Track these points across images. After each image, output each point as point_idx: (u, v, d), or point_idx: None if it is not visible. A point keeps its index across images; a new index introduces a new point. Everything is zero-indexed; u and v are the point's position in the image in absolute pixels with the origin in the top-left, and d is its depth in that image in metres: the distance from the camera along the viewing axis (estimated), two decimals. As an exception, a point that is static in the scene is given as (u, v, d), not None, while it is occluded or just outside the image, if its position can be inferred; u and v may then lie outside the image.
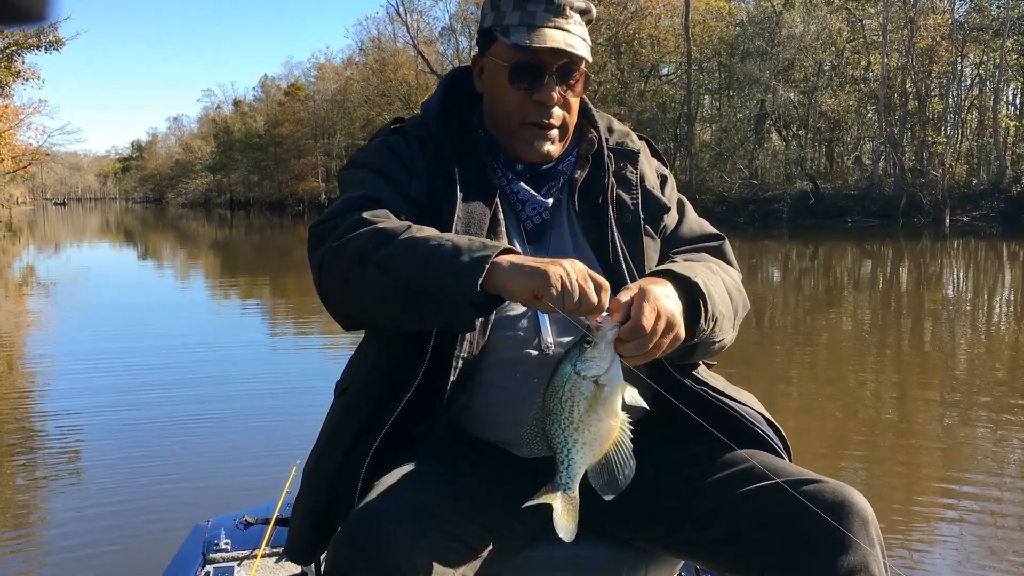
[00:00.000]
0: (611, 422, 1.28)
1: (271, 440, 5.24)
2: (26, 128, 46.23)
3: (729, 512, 1.44)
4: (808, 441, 5.23)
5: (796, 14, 34.20)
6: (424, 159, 1.60)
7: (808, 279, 16.04)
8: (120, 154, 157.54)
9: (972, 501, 4.20)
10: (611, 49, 38.23)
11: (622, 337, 1.27)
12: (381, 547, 1.28)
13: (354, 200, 1.51)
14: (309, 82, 69.37)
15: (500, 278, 1.30)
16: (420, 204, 1.55)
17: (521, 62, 1.57)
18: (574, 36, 1.57)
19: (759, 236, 25.59)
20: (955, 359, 8.01)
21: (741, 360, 7.87)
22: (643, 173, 1.70)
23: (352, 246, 1.41)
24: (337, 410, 1.62)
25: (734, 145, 36.40)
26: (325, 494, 1.52)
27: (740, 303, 1.60)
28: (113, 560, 3.67)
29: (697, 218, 1.76)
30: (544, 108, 1.58)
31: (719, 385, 1.62)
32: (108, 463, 5.02)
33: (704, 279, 1.43)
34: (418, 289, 1.35)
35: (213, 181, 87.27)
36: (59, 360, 8.62)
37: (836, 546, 1.35)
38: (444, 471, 1.48)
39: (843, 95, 34.95)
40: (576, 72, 1.60)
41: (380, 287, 1.39)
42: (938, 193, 30.35)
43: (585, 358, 1.26)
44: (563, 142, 1.64)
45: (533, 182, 1.64)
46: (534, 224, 1.63)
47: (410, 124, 1.67)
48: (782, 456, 1.58)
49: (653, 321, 1.28)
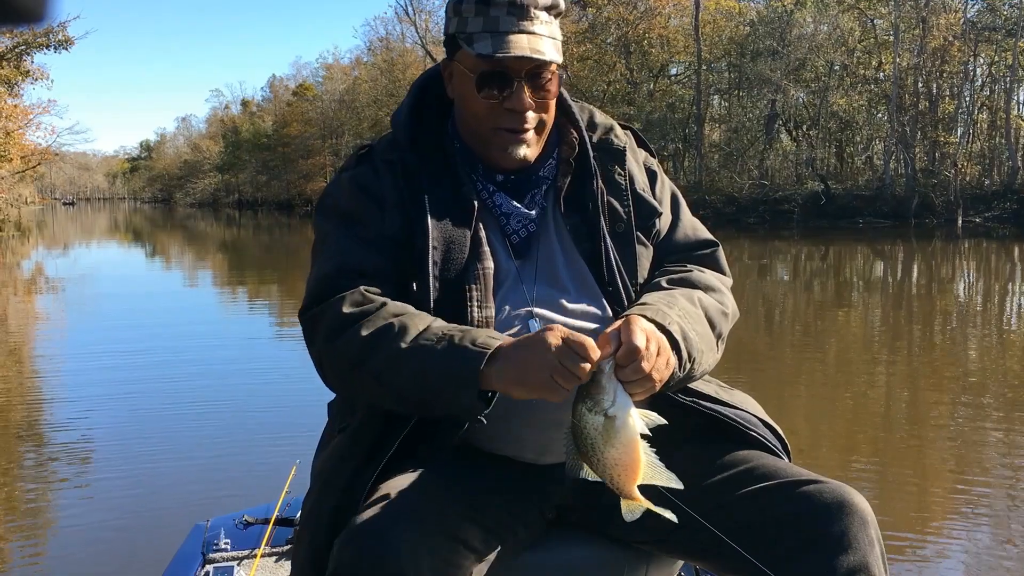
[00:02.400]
0: (633, 449, 1.29)
1: (271, 440, 5.21)
2: (35, 128, 46.33)
3: (728, 513, 1.43)
4: (819, 443, 5.18)
5: (807, 13, 34.01)
6: (395, 187, 1.55)
7: (819, 280, 15.93)
8: (129, 154, 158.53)
9: (984, 504, 4.14)
10: (621, 49, 38.14)
11: (619, 363, 1.28)
12: (385, 550, 1.27)
13: (330, 279, 1.51)
14: (317, 82, 69.54)
15: (495, 384, 1.34)
16: (396, 241, 1.52)
17: (487, 72, 1.51)
18: (541, 38, 1.50)
19: (769, 237, 25.38)
20: (967, 362, 7.92)
21: (751, 361, 7.84)
22: (631, 174, 1.65)
23: (343, 354, 1.43)
24: (341, 445, 1.55)
25: (744, 145, 36.26)
26: (327, 529, 1.42)
27: (725, 323, 1.59)
28: (113, 559, 3.65)
29: (691, 220, 1.72)
30: (517, 115, 1.52)
31: (710, 391, 1.59)
32: (108, 462, 5.01)
33: (680, 323, 1.43)
34: (418, 401, 1.40)
35: (221, 181, 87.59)
36: (64, 360, 8.63)
37: (836, 546, 1.34)
38: (447, 476, 1.46)
39: (854, 95, 34.75)
40: (547, 74, 1.53)
41: (379, 394, 1.44)
42: (950, 194, 30.14)
43: (591, 395, 1.28)
44: (540, 142, 1.59)
45: (515, 191, 1.59)
46: (520, 238, 1.59)
47: (379, 147, 1.61)
48: (781, 457, 1.56)
49: (645, 340, 1.29)
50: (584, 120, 1.65)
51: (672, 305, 1.46)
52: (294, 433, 5.10)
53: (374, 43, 58.51)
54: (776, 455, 1.55)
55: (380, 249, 1.52)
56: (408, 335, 1.39)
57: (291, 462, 2.76)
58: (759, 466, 1.47)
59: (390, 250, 1.52)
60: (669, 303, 1.47)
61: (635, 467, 1.29)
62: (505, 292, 1.54)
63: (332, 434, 1.62)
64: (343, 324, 1.44)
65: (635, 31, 37.47)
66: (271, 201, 71.13)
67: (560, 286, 1.57)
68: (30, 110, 43.48)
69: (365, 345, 1.41)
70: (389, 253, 1.52)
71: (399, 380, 1.39)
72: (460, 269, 1.51)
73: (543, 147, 1.61)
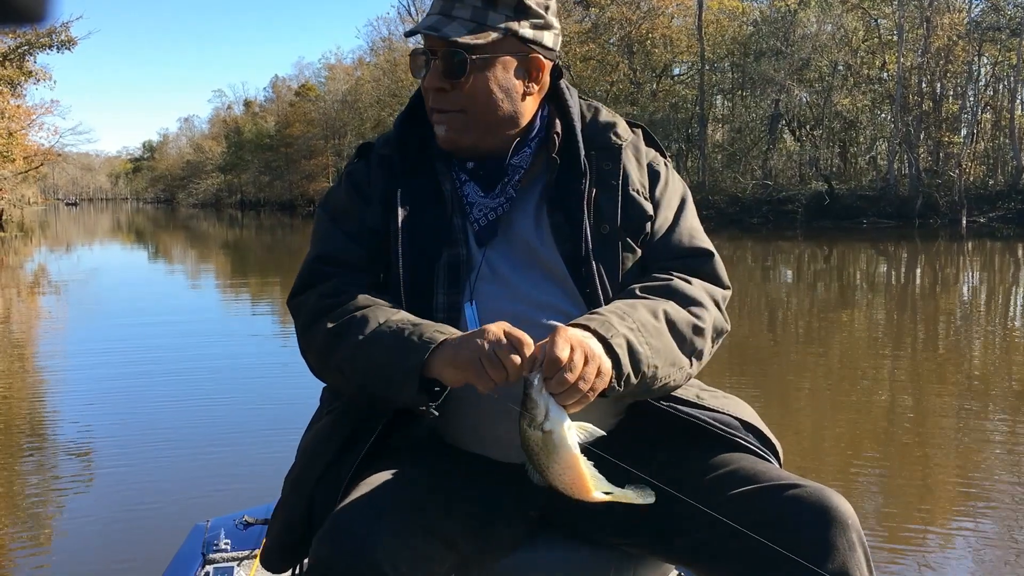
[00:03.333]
0: (574, 463, 1.29)
1: (271, 440, 5.18)
2: (38, 128, 46.49)
3: (708, 518, 1.39)
4: (821, 446, 5.14)
5: (811, 13, 33.94)
6: (382, 180, 1.63)
7: (823, 281, 15.86)
8: (131, 154, 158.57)
9: (988, 510, 4.09)
10: (624, 49, 38.12)
11: (545, 375, 1.28)
12: (363, 545, 1.27)
13: (310, 266, 1.61)
14: (320, 82, 69.61)
15: (437, 373, 1.38)
16: (376, 232, 1.59)
17: (413, 49, 1.61)
18: (455, 21, 1.52)
19: (773, 237, 25.35)
20: (971, 364, 7.87)
21: (755, 363, 7.82)
22: (627, 173, 1.62)
23: (314, 346, 1.54)
24: (325, 426, 1.62)
25: (747, 146, 36.20)
26: (306, 505, 1.52)
27: (700, 338, 1.53)
28: (113, 559, 3.63)
29: (690, 226, 1.66)
30: (434, 93, 1.57)
31: (690, 396, 1.57)
32: (108, 462, 4.99)
33: (628, 335, 1.39)
34: (373, 393, 1.46)
35: (224, 181, 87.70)
36: (65, 359, 8.63)
37: (816, 551, 1.31)
38: (427, 473, 1.48)
39: (858, 95, 34.67)
40: (461, 60, 1.52)
41: (345, 385, 1.53)
42: (954, 194, 30.06)
43: (527, 410, 1.29)
44: (478, 132, 1.57)
45: (484, 181, 1.61)
46: (481, 226, 1.60)
47: (377, 143, 1.69)
48: (770, 460, 1.53)
49: (568, 352, 1.28)
50: (587, 118, 1.65)
51: (626, 316, 1.43)
52: (294, 433, 4.99)
53: (377, 43, 58.59)
54: (764, 458, 1.52)
55: (361, 241, 1.60)
56: (366, 328, 1.45)
57: (291, 462, 2.72)
58: (739, 470, 1.45)
59: (370, 241, 1.59)
60: (623, 314, 1.44)
61: (581, 479, 1.30)
62: (471, 279, 1.57)
63: (320, 415, 1.69)
64: (315, 316, 1.54)
65: (638, 31, 37.45)
66: (274, 201, 71.16)
67: (521, 274, 1.57)
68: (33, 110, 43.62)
69: (330, 337, 1.49)
70: (368, 244, 1.59)
71: (357, 372, 1.46)
72: (428, 257, 1.57)
73: (514, 140, 1.60)
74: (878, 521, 3.93)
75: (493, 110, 1.56)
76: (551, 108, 1.65)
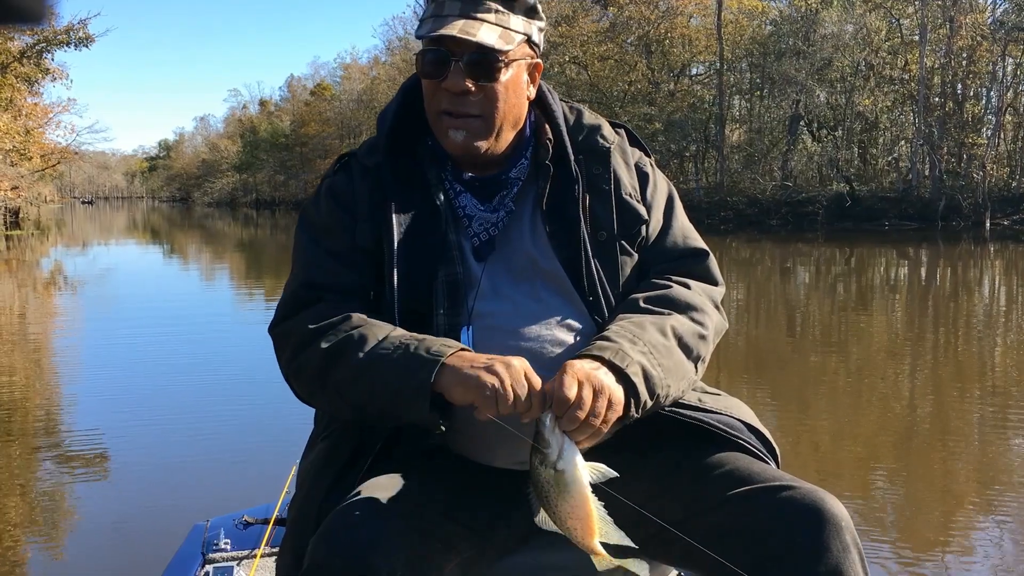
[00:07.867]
0: (584, 502, 1.30)
1: (271, 440, 5.21)
2: (55, 127, 46.85)
3: (701, 520, 1.42)
4: (840, 450, 5.09)
5: (833, 12, 33.64)
6: (369, 193, 1.57)
7: (843, 284, 15.68)
8: (147, 153, 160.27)
9: (1010, 515, 4.04)
10: (642, 49, 37.97)
11: (556, 414, 1.29)
12: (360, 546, 1.27)
13: (296, 295, 1.55)
14: (335, 82, 70.01)
15: (445, 389, 1.35)
16: (366, 251, 1.54)
17: (425, 51, 1.53)
18: (483, 24, 1.48)
19: (792, 239, 25.18)
20: (993, 369, 7.75)
21: (776, 366, 7.73)
22: (618, 177, 1.61)
23: (307, 369, 1.48)
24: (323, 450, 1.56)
25: (766, 147, 35.94)
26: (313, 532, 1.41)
27: (704, 345, 1.56)
28: (113, 559, 3.65)
29: (683, 226, 1.68)
30: (453, 96, 1.50)
31: (692, 399, 1.57)
32: (108, 462, 5.02)
33: (642, 361, 1.40)
34: (378, 412, 1.42)
35: (239, 180, 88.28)
36: (73, 359, 8.71)
37: (808, 552, 1.32)
38: (427, 477, 1.48)
39: (880, 95, 34.33)
40: (490, 63, 1.49)
41: (343, 407, 1.47)
42: (978, 196, 29.71)
43: (539, 448, 1.29)
44: (494, 137, 1.54)
45: (482, 193, 1.58)
46: (481, 241, 1.57)
47: (361, 152, 1.64)
48: (767, 462, 1.53)
49: (576, 390, 1.29)
50: (571, 121, 1.63)
51: (637, 340, 1.43)
52: (294, 433, 4.92)
53: (392, 43, 58.72)
54: (762, 460, 1.53)
55: (349, 262, 1.54)
56: (366, 346, 1.41)
57: (291, 462, 2.71)
58: (736, 470, 1.46)
59: (360, 262, 1.54)
60: (634, 337, 1.44)
61: (589, 520, 1.30)
62: (471, 297, 1.54)
63: (316, 440, 1.62)
64: (306, 339, 1.48)
65: (656, 31, 37.33)
66: (289, 201, 71.51)
67: (522, 289, 1.55)
68: (50, 109, 43.91)
69: (326, 358, 1.44)
70: (359, 265, 1.54)
71: (358, 392, 1.42)
72: (426, 275, 1.52)
73: (512, 148, 1.58)
74: (897, 527, 3.90)
75: (508, 115, 1.55)
76: (537, 112, 1.64)
